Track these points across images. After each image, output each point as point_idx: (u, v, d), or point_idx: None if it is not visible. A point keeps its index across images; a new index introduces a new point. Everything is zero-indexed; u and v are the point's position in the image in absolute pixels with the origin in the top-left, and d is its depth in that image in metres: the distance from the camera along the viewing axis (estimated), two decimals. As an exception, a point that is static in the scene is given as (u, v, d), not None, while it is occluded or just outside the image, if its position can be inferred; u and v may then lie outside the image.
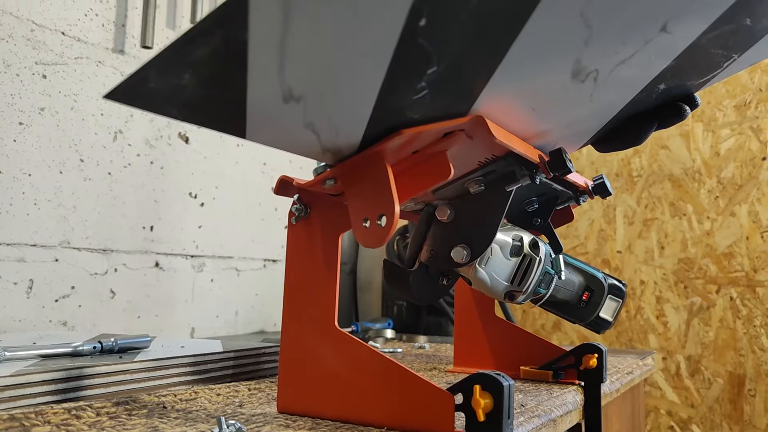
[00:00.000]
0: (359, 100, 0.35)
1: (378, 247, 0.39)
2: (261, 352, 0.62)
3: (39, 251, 0.85)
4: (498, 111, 0.42)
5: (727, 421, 1.37)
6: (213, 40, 0.26)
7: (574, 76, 0.40)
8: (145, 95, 0.28)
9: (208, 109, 0.32)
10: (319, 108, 0.34)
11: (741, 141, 1.41)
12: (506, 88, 0.39)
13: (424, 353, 0.86)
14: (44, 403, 0.43)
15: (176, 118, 0.31)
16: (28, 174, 0.84)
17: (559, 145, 0.51)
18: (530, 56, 0.36)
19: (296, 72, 0.30)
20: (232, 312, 1.15)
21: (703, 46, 0.41)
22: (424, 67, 0.34)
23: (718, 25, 0.38)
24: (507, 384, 0.39)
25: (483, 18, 0.31)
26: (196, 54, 0.27)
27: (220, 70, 0.28)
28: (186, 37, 0.26)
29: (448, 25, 0.31)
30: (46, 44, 0.86)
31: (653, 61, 0.42)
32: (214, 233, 1.12)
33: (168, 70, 0.27)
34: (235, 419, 0.42)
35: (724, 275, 1.40)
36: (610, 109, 0.48)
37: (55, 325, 0.86)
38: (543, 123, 0.47)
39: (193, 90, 0.29)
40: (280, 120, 0.34)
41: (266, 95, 0.31)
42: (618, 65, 0.41)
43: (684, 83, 0.47)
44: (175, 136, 1.05)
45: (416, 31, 0.30)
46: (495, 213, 0.50)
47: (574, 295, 0.67)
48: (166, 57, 0.26)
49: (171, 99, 0.29)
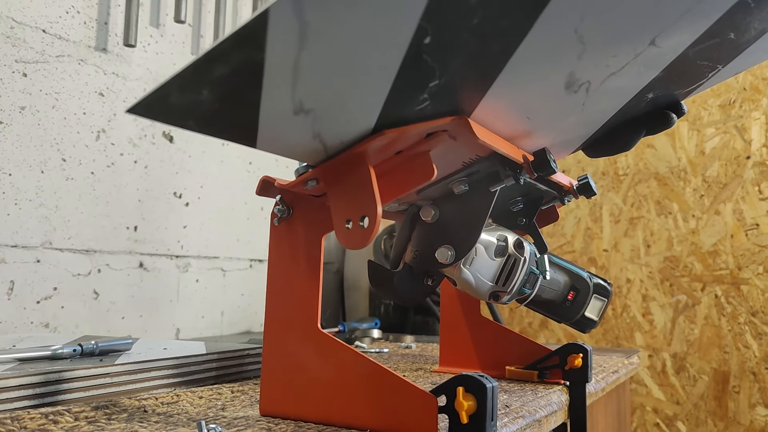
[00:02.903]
0: (365, 111, 0.37)
1: (360, 248, 0.39)
2: (244, 353, 0.61)
3: (20, 252, 0.84)
4: (493, 117, 0.43)
5: (712, 418, 1.38)
6: (232, 60, 0.28)
7: (568, 87, 0.42)
8: (164, 110, 0.30)
9: (223, 122, 0.33)
10: (326, 120, 0.36)
11: (726, 140, 1.42)
12: (503, 98, 0.41)
13: (411, 353, 0.86)
14: (21, 408, 0.43)
15: (192, 129, 0.32)
16: (8, 173, 0.83)
17: (551, 151, 0.52)
18: (526, 69, 0.38)
19: (307, 88, 0.32)
20: (217, 312, 1.15)
21: (690, 58, 0.43)
22: (426, 81, 0.35)
23: (704, 39, 0.40)
24: (490, 386, 0.38)
25: (483, 36, 0.33)
26: (216, 72, 0.28)
27: (236, 87, 0.30)
28: (207, 56, 0.27)
29: (451, 42, 0.32)
30: (27, 42, 0.85)
31: (642, 72, 0.43)
32: (199, 233, 1.11)
33: (188, 87, 0.29)
34: (216, 423, 0.41)
35: (709, 273, 1.41)
36: (601, 117, 0.50)
37: (36, 326, 0.85)
38: (536, 130, 0.48)
39: (210, 105, 0.30)
40: (290, 131, 0.36)
41: (278, 109, 0.33)
42: (609, 76, 0.42)
43: (671, 92, 0.49)
44: (159, 135, 1.04)
45: (421, 48, 0.31)
46: (479, 213, 0.50)
47: (560, 295, 0.67)
48: (187, 75, 0.28)
49: (189, 113, 0.31)
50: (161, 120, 0.31)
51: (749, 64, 0.46)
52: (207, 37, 1.13)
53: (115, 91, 0.96)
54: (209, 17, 1.13)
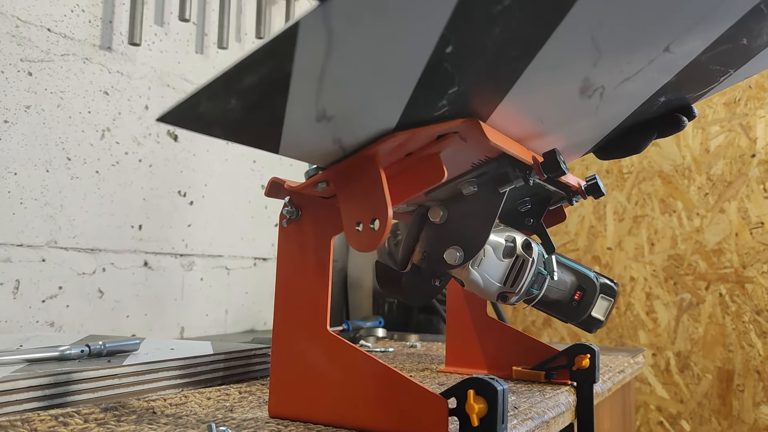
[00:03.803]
0: (385, 117, 0.37)
1: (371, 251, 0.39)
2: (251, 354, 0.61)
3: (25, 251, 0.84)
4: (506, 120, 0.44)
5: (716, 416, 1.38)
6: (261, 70, 0.28)
7: (582, 92, 0.42)
8: (194, 118, 0.31)
9: (248, 129, 0.34)
10: (347, 126, 0.36)
11: (731, 138, 1.41)
12: (518, 103, 0.42)
13: (416, 352, 0.86)
14: (31, 410, 0.43)
15: (218, 136, 0.33)
16: (13, 173, 0.83)
17: (563, 154, 0.53)
18: (543, 76, 0.38)
19: (331, 95, 0.32)
20: (222, 311, 1.15)
21: (702, 63, 0.43)
22: (446, 88, 0.36)
23: (717, 45, 0.41)
24: (501, 388, 0.38)
25: (503, 44, 0.33)
26: (245, 82, 0.29)
27: (263, 96, 0.31)
28: (238, 67, 0.27)
29: (472, 50, 0.33)
30: (32, 41, 0.85)
31: (656, 77, 0.44)
32: (203, 232, 1.11)
33: (217, 96, 0.29)
34: (225, 425, 0.41)
35: (713, 271, 1.41)
36: (613, 120, 0.50)
37: (42, 325, 0.85)
38: (548, 132, 0.48)
39: (237, 113, 0.31)
40: (311, 137, 0.36)
41: (301, 116, 0.34)
42: (623, 82, 0.43)
43: (683, 96, 0.49)
44: (163, 133, 1.03)
45: (442, 57, 0.32)
46: (488, 214, 0.49)
47: (566, 295, 0.67)
48: (217, 85, 0.28)
49: (216, 121, 0.32)
50: (189, 128, 0.31)
51: (760, 68, 0.47)
52: (211, 35, 1.13)
53: (120, 89, 0.96)
54: (213, 15, 1.13)
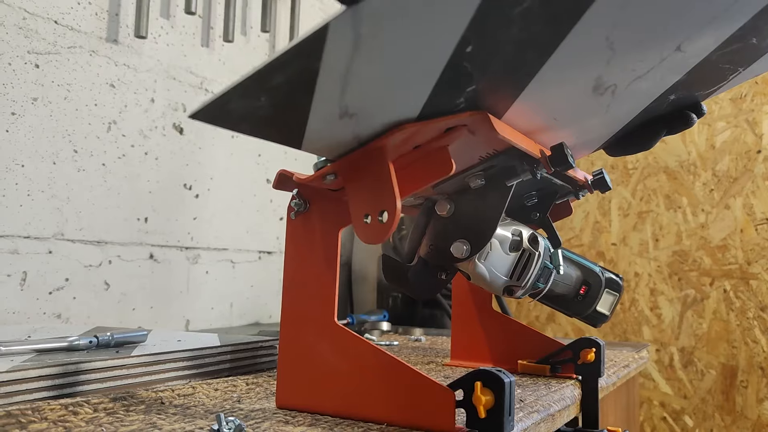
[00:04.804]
0: (405, 113, 0.38)
1: (379, 243, 0.39)
2: (258, 346, 0.61)
3: (32, 243, 0.84)
4: (519, 117, 0.44)
5: (720, 412, 1.38)
6: (290, 69, 0.29)
7: (595, 90, 0.43)
8: (224, 115, 0.32)
9: (274, 126, 0.35)
10: (369, 122, 0.37)
11: (736, 134, 1.41)
12: (532, 100, 0.42)
13: (421, 346, 0.86)
14: (41, 399, 0.43)
15: (245, 132, 0.35)
16: (21, 165, 0.83)
17: (573, 151, 0.53)
18: (557, 74, 0.39)
19: (354, 93, 0.34)
20: (227, 304, 1.15)
21: (713, 62, 0.44)
22: (465, 86, 0.37)
23: (728, 44, 0.41)
24: (508, 380, 0.38)
25: (521, 44, 0.34)
26: (274, 81, 0.30)
27: (290, 94, 0.32)
28: (268, 66, 0.29)
29: (491, 50, 0.34)
30: (39, 33, 0.85)
31: (666, 75, 0.44)
32: (208, 225, 1.11)
33: (248, 94, 0.31)
34: (234, 415, 0.42)
35: (718, 268, 1.41)
36: (623, 118, 0.51)
37: (49, 317, 0.86)
38: (558, 129, 0.49)
39: (266, 110, 0.33)
40: (333, 133, 0.38)
41: (325, 113, 0.35)
42: (634, 80, 0.43)
43: (692, 93, 0.50)
44: (169, 126, 1.04)
45: (462, 57, 0.33)
46: (495, 208, 0.49)
47: (572, 289, 0.67)
48: (248, 83, 0.29)
49: (245, 118, 0.33)
50: (218, 124, 0.33)
51: None
52: (217, 28, 1.13)
53: (126, 82, 0.96)
54: (219, 8, 1.13)
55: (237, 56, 1.18)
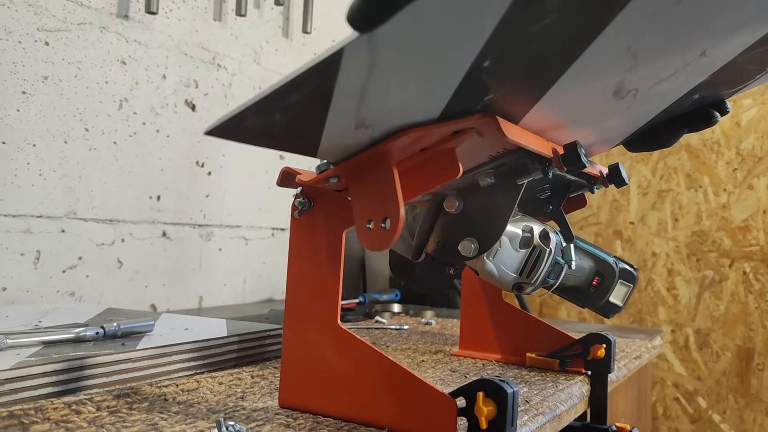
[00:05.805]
0: (422, 121, 0.38)
1: (382, 250, 0.38)
2: (265, 335, 0.61)
3: (45, 222, 0.84)
4: (536, 120, 0.43)
5: (734, 394, 1.37)
6: (305, 89, 0.30)
7: (616, 94, 0.42)
8: (240, 131, 0.33)
9: (290, 139, 0.36)
10: (384, 131, 0.37)
11: (764, 111, 1.36)
12: (550, 106, 0.41)
13: (431, 330, 0.86)
14: (45, 396, 0.43)
15: (261, 145, 0.35)
16: (32, 144, 0.83)
17: (591, 148, 0.51)
18: (577, 83, 0.39)
19: (370, 107, 0.34)
20: (240, 281, 1.15)
21: (739, 64, 0.42)
22: (481, 96, 0.37)
23: (755, 47, 0.40)
24: (511, 391, 0.38)
25: (540, 57, 0.34)
26: (290, 99, 0.30)
27: (306, 111, 0.32)
28: (284, 87, 0.29)
29: (509, 63, 0.34)
30: (48, 10, 0.84)
31: (691, 77, 0.43)
32: (221, 202, 1.11)
33: (262, 112, 0.31)
34: (235, 416, 0.42)
35: (738, 249, 1.38)
36: (644, 117, 0.50)
37: (62, 295, 0.87)
38: (577, 129, 0.48)
39: (281, 126, 0.33)
40: (348, 141, 0.38)
41: (341, 126, 0.35)
42: (657, 83, 0.42)
43: (717, 92, 0.48)
44: (181, 103, 1.03)
45: (480, 70, 0.33)
46: (505, 206, 0.48)
47: (584, 281, 0.66)
48: (264, 102, 0.30)
49: (261, 133, 0.34)
50: (234, 139, 0.34)
51: None
52: (229, 1, 1.10)
53: (137, 59, 0.95)
54: (232, -19, 1.11)
55: (250, 30, 1.16)
